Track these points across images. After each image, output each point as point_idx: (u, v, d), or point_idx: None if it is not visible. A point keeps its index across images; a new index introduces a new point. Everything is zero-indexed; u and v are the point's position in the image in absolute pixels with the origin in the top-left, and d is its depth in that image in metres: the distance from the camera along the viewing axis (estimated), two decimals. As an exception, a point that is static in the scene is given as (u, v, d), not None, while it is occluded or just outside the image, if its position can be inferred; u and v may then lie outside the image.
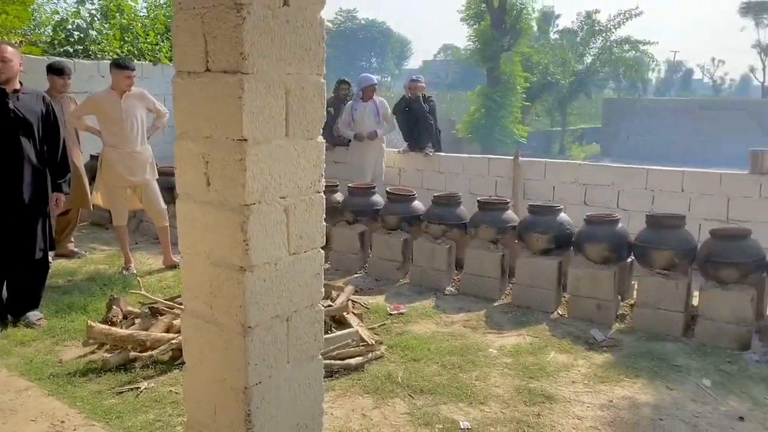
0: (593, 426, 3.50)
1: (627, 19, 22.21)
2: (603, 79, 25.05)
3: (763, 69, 39.32)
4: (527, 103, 20.72)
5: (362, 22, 61.77)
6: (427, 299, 5.70)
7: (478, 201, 6.05)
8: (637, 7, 21.40)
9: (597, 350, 4.58)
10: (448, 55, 60.37)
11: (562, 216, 5.61)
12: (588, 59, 22.85)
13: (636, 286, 5.18)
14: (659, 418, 3.59)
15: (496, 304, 5.60)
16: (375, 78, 8.52)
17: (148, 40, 10.98)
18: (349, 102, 8.33)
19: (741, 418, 3.61)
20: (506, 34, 18.79)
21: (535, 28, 26.79)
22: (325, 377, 3.99)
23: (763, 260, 4.71)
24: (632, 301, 5.28)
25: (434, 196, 6.28)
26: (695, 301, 4.92)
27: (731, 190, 6.63)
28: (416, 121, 8.59)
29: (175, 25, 2.35)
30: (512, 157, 8.10)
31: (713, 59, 50.64)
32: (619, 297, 5.35)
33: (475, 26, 19.37)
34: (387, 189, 6.70)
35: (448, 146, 19.69)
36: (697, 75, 52.09)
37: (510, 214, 5.95)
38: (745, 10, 38.90)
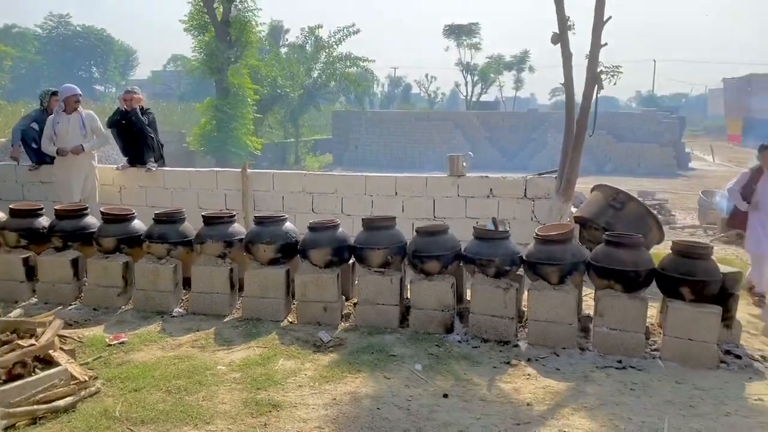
0: (318, 426, 3.62)
1: (347, 36, 23.76)
2: (333, 93, 26.40)
3: (466, 84, 45.06)
4: (259, 115, 20.86)
5: (78, 28, 56.23)
6: (152, 324, 5.37)
7: (202, 216, 5.88)
8: (353, 25, 22.93)
9: (324, 352, 4.77)
10: (179, 65, 58.08)
11: (288, 225, 5.73)
12: (315, 73, 23.88)
13: (358, 286, 5.51)
14: (377, 407, 3.85)
15: (226, 319, 5.51)
16: (78, 88, 7.78)
17: None
18: (51, 115, 7.51)
19: (445, 395, 4.04)
20: (232, 46, 18.70)
21: (265, 41, 27.15)
22: (28, 425, 3.56)
23: (460, 251, 5.34)
24: (355, 300, 5.61)
25: (155, 214, 5.95)
26: (409, 294, 5.40)
27: (435, 192, 7.43)
28: (134, 135, 8.08)
29: None
30: (240, 170, 8.07)
31: (427, 75, 56.36)
32: (344, 297, 5.64)
33: (199, 37, 18.95)
34: (101, 209, 6.17)
35: (180, 160, 18.95)
36: (416, 89, 57.64)
37: (237, 226, 5.90)
38: (448, 32, 44.01)
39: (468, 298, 5.41)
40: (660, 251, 6.85)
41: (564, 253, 5.00)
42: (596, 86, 6.45)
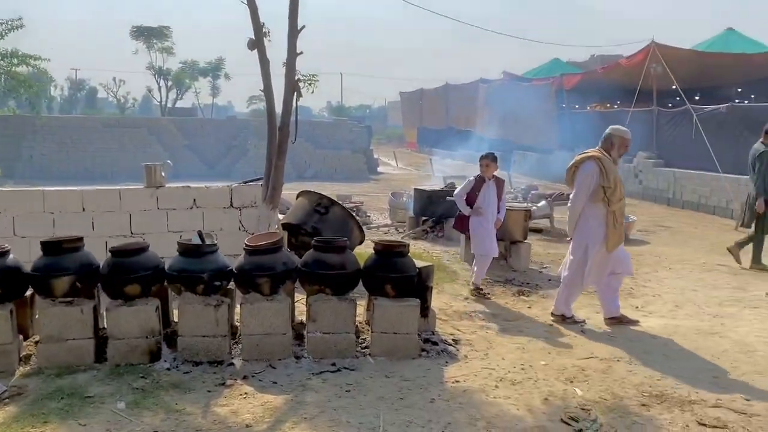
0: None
1: (10, 30, 20.41)
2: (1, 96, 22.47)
3: (159, 90, 42.79)
4: None
5: None
6: None
7: None
8: (20, 18, 19.61)
9: (-4, 407, 3.91)
10: None
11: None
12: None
13: (39, 321, 4.67)
14: (71, 464, 3.26)
15: None
16: None
17: None
18: None
19: (155, 432, 3.62)
20: None
21: None
22: None
23: (163, 270, 4.87)
24: (38, 338, 4.75)
25: None
26: (106, 323, 4.76)
27: (131, 205, 6.76)
28: None
29: None
30: None
31: (115, 79, 51.54)
32: (21, 337, 4.74)
33: None
34: None
35: None
36: (103, 94, 52.78)
37: None
38: (137, 34, 41.27)
39: (176, 319, 4.99)
40: (362, 251, 7.25)
41: (275, 262, 4.90)
42: (295, 94, 6.54)
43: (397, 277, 4.97)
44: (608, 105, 23.71)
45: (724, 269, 8.56)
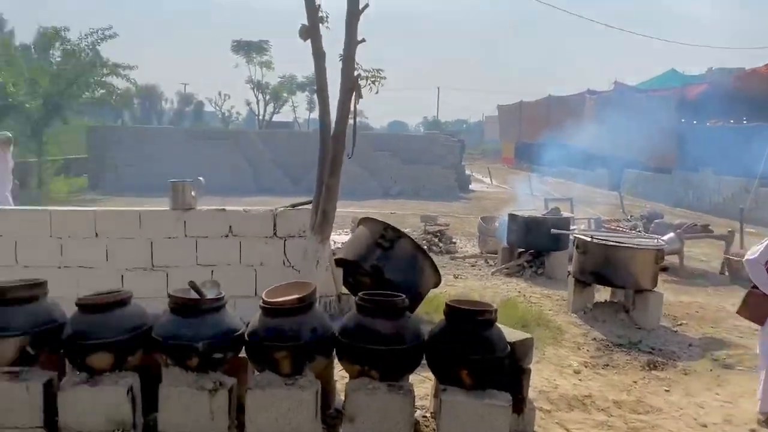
0: None
1: (102, 40, 20.36)
2: (90, 105, 22.50)
3: (258, 104, 42.98)
4: (-22, 129, 16.77)
5: None
6: None
7: None
8: (110, 27, 19.52)
9: None
10: None
11: None
12: (63, 82, 19.96)
13: None
14: None
15: None
16: None
17: None
18: None
19: None
20: None
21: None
22: None
23: (148, 332, 3.48)
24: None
25: None
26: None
27: (153, 231, 5.49)
28: None
29: None
30: None
31: (220, 93, 52.87)
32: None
33: None
34: None
35: None
36: (210, 107, 54.28)
37: None
38: (236, 49, 41.81)
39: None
40: (437, 296, 5.67)
41: (299, 328, 3.39)
42: (354, 94, 5.05)
43: (477, 359, 3.32)
44: (732, 121, 20.80)
45: None
